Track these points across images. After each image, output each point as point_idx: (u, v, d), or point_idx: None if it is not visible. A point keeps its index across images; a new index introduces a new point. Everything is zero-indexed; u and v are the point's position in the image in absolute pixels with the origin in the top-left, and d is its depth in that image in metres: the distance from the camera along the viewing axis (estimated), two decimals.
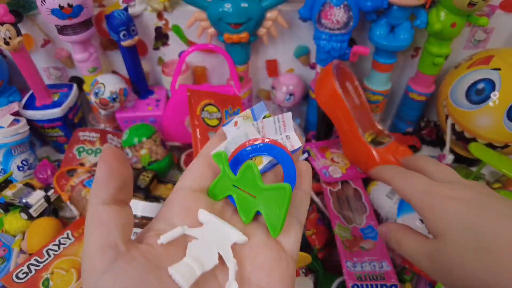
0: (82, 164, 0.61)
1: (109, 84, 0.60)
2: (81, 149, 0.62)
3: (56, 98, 0.65)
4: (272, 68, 0.71)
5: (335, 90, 0.56)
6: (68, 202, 0.57)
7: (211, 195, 0.21)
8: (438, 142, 0.71)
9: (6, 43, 0.54)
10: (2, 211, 0.57)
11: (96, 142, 0.64)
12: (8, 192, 0.55)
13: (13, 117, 0.60)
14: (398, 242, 0.29)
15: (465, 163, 0.66)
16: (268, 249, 0.19)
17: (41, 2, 0.53)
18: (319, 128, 0.69)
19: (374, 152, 0.57)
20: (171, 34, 0.66)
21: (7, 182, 0.57)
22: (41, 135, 0.69)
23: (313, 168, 0.63)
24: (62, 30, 0.58)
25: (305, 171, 0.22)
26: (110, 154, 0.17)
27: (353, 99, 0.64)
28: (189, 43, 0.67)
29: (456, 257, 0.24)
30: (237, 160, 0.21)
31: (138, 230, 0.45)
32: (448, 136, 0.62)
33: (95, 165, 0.61)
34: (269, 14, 0.58)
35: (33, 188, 0.58)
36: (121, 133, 0.65)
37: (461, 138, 0.60)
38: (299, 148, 0.23)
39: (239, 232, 0.19)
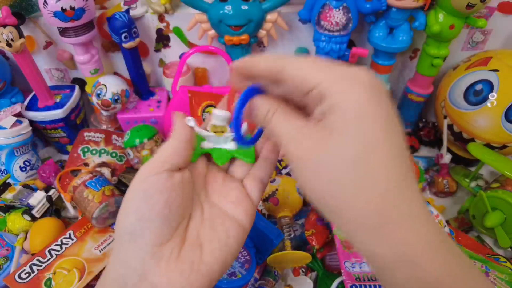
0: (86, 164, 0.62)
1: (111, 86, 0.61)
2: (86, 149, 0.63)
3: (58, 99, 0.66)
4: None
5: None
6: (69, 203, 0.57)
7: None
8: (436, 142, 0.71)
9: (9, 45, 0.55)
10: (3, 214, 0.57)
11: (100, 143, 0.64)
12: (8, 195, 0.56)
13: (16, 118, 0.60)
14: (267, 120, 0.22)
15: (463, 163, 0.67)
16: (238, 191, 0.26)
17: (44, 4, 0.54)
18: None
19: None
20: (172, 36, 0.67)
21: (6, 185, 0.57)
22: (43, 136, 0.69)
23: None
24: (64, 32, 0.58)
25: (273, 147, 0.27)
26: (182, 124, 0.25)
27: None
28: (190, 45, 0.68)
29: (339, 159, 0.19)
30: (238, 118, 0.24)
31: None
32: (445, 136, 0.62)
33: (98, 165, 0.62)
34: (269, 16, 0.59)
35: (32, 189, 0.59)
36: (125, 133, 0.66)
37: (460, 138, 0.61)
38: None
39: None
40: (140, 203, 0.22)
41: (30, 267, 0.47)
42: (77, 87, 0.69)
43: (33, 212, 0.54)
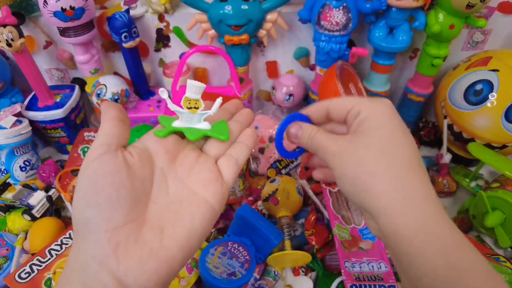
0: None
1: (111, 85, 0.61)
2: (86, 149, 0.63)
3: (58, 99, 0.66)
4: (272, 69, 0.72)
5: (338, 91, 0.56)
6: (69, 202, 0.57)
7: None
8: (436, 142, 0.71)
9: (9, 44, 0.55)
10: (3, 214, 0.57)
11: None
12: (8, 195, 0.56)
13: (16, 118, 0.60)
14: (311, 136, 0.29)
15: (463, 163, 0.67)
16: (210, 172, 0.26)
17: (44, 4, 0.54)
18: None
19: None
20: (172, 36, 0.67)
21: (6, 185, 0.57)
22: (43, 136, 0.69)
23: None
24: (64, 32, 0.59)
25: (251, 133, 0.29)
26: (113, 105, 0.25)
27: None
28: (190, 44, 0.68)
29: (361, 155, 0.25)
30: None
31: None
32: (445, 136, 0.62)
33: None
34: (269, 16, 0.59)
35: (32, 189, 0.59)
36: None
37: (460, 138, 0.61)
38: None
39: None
40: (87, 190, 0.22)
41: (30, 267, 0.47)
42: (77, 87, 0.69)
43: (33, 212, 0.54)
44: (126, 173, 0.22)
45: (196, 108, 0.27)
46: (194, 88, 0.26)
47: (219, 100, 0.27)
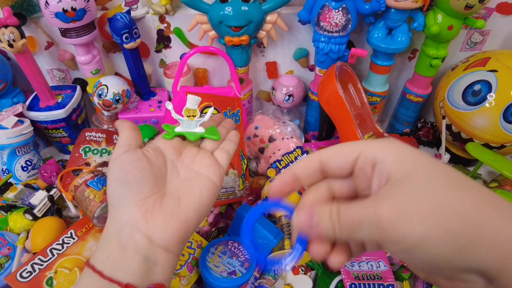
0: (87, 164, 0.62)
1: (112, 86, 0.61)
2: (87, 149, 0.63)
3: (59, 99, 0.66)
4: (272, 70, 0.72)
5: (337, 92, 0.57)
6: (70, 202, 0.58)
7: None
8: (435, 142, 0.72)
9: (10, 45, 0.55)
10: (5, 214, 0.58)
11: (102, 142, 0.65)
12: (10, 195, 0.56)
13: (17, 118, 0.60)
14: (334, 213, 0.20)
15: (461, 163, 0.67)
16: (209, 159, 0.33)
17: (45, 5, 0.54)
18: (322, 128, 0.70)
19: None
20: (172, 36, 0.67)
21: (8, 185, 0.57)
22: (45, 136, 0.70)
23: None
24: (65, 32, 0.59)
25: (235, 133, 0.37)
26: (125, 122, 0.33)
27: (354, 101, 0.65)
28: (190, 45, 0.68)
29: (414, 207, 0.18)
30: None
31: None
32: (443, 136, 0.62)
33: (100, 165, 0.62)
34: (269, 17, 0.59)
35: (34, 188, 0.59)
36: None
37: (458, 138, 0.61)
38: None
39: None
40: (118, 173, 0.29)
41: (32, 266, 0.47)
42: (78, 88, 0.70)
43: (35, 211, 0.54)
44: (146, 161, 0.30)
45: (194, 116, 0.35)
46: (193, 101, 0.35)
47: (211, 110, 0.36)
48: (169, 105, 0.34)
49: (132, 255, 0.26)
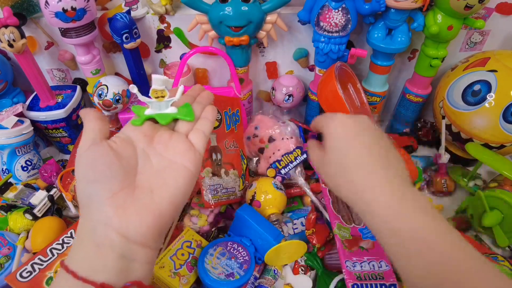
0: None
1: (112, 86, 0.61)
2: None
3: (59, 99, 0.66)
4: (272, 70, 0.72)
5: (337, 92, 0.56)
6: (70, 202, 0.58)
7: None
8: (434, 142, 0.72)
9: (10, 45, 0.55)
10: (5, 213, 0.58)
11: None
12: (10, 195, 0.56)
13: (17, 118, 0.61)
14: (309, 153, 0.40)
15: (461, 163, 0.67)
16: (184, 144, 0.31)
17: (45, 5, 0.54)
18: None
19: None
20: (173, 36, 0.67)
21: (8, 185, 0.57)
22: (45, 136, 0.70)
23: (312, 168, 0.64)
24: (65, 32, 0.59)
25: (211, 109, 0.34)
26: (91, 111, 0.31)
27: (354, 101, 0.65)
28: (190, 45, 0.68)
29: (332, 167, 0.35)
30: None
31: None
32: (443, 136, 0.62)
33: None
34: (269, 17, 0.59)
35: (34, 188, 0.59)
36: None
37: (458, 138, 0.61)
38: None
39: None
40: (85, 171, 0.27)
41: (32, 266, 0.47)
42: (78, 88, 0.70)
43: (35, 211, 0.54)
44: (113, 155, 0.28)
45: (163, 97, 0.32)
46: (157, 81, 0.31)
47: (181, 88, 0.32)
48: (133, 88, 0.31)
49: (108, 254, 0.25)
